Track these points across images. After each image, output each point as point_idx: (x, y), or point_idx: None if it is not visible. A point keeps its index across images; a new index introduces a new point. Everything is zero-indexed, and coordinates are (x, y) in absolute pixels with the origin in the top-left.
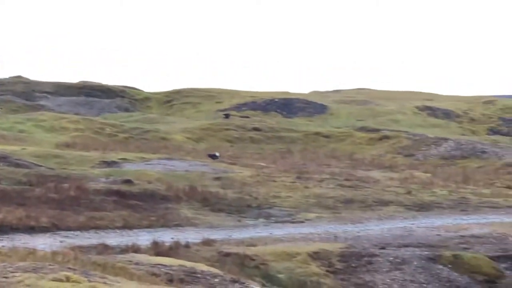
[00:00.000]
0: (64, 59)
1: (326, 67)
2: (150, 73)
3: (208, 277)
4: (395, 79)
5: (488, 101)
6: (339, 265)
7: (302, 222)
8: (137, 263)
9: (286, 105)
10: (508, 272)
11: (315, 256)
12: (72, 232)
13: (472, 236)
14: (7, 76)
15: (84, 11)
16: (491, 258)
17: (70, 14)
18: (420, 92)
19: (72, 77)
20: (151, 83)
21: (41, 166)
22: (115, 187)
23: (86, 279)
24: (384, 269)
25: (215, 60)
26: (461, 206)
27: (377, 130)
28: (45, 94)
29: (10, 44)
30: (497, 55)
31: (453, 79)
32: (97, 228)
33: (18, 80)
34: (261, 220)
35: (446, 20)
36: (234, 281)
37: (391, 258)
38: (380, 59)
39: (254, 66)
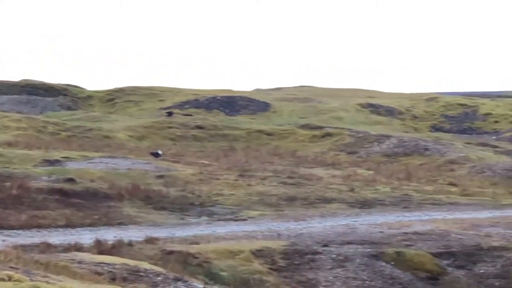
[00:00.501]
0: (5, 57)
1: (268, 65)
2: (92, 71)
3: (151, 276)
4: (337, 77)
5: (431, 98)
6: (282, 263)
7: (245, 220)
8: (80, 262)
9: (229, 103)
10: (450, 268)
11: (258, 254)
12: (14, 231)
13: (415, 233)
14: None
15: (24, 9)
16: (434, 255)
17: (9, 12)
18: (363, 90)
19: (14, 76)
20: (94, 81)
21: None
22: (57, 185)
23: (28, 278)
24: (327, 267)
25: (158, 58)
26: (404, 203)
27: (320, 128)
28: None
29: None
30: (439, 52)
31: (395, 77)
32: (39, 226)
33: None
34: (204, 218)
35: (390, 19)
36: (177, 279)
37: (334, 256)
38: (321, 56)
39: (197, 64)
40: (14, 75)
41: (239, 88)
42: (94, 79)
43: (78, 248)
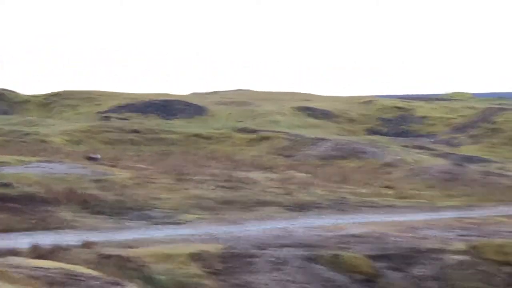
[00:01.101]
0: None
1: (205, 68)
2: (28, 75)
3: (88, 280)
4: (273, 80)
5: (367, 102)
6: (219, 266)
7: (182, 223)
8: (16, 267)
9: (166, 106)
10: (386, 271)
11: (195, 257)
12: None
13: (351, 235)
14: None
15: None
16: (370, 257)
17: None
18: (299, 93)
19: None
20: (30, 86)
21: None
22: None
23: None
24: (264, 270)
25: (94, 62)
26: (340, 206)
27: (257, 131)
28: None
29: None
30: (374, 56)
31: (331, 80)
32: None
33: None
34: (141, 222)
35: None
36: (114, 283)
37: (271, 259)
38: (257, 60)
39: (134, 68)
40: None
41: (176, 92)
42: (30, 84)
43: (15, 253)
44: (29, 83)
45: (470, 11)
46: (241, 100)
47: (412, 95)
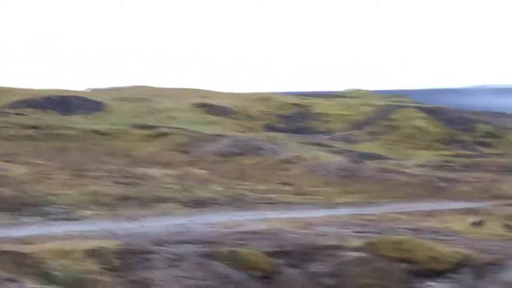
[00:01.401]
0: None
1: (103, 64)
2: None
3: None
4: (172, 77)
5: (265, 98)
6: (116, 262)
7: (79, 219)
8: None
9: (64, 102)
10: (284, 268)
11: (92, 253)
12: None
13: (249, 232)
14: None
15: None
16: (268, 254)
17: None
18: (198, 89)
19: None
20: None
21: None
22: None
23: None
24: (161, 266)
25: None
26: (238, 202)
27: (154, 127)
28: None
29: None
30: (271, 53)
31: (229, 76)
32: None
33: None
34: (38, 218)
35: (226, 20)
36: (10, 280)
37: (168, 255)
38: (156, 56)
39: (31, 63)
40: None
41: (75, 88)
42: None
43: None
44: None
45: (369, 11)
46: (139, 96)
47: (310, 92)
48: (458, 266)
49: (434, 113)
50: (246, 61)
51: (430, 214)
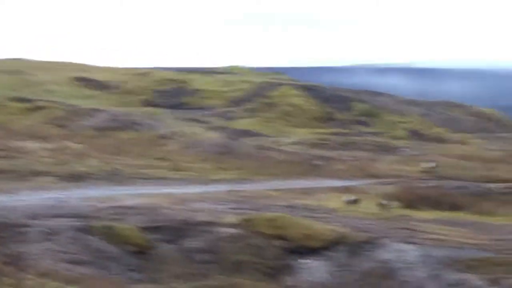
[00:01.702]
0: None
1: None
2: None
3: None
4: (50, 50)
5: (143, 73)
6: None
7: None
8: None
9: None
10: (158, 243)
11: None
12: None
13: (124, 207)
14: None
15: None
16: (142, 229)
17: None
18: (76, 63)
19: None
20: None
21: None
22: None
23: None
24: (36, 240)
25: None
26: (114, 177)
27: (31, 101)
28: None
29: None
30: (151, 28)
31: (108, 51)
32: None
33: None
34: None
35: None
36: None
37: (43, 229)
38: (34, 30)
39: None
40: None
41: None
42: None
43: None
44: None
45: None
46: (15, 69)
47: (190, 68)
48: (333, 244)
49: (311, 91)
50: (125, 35)
51: (305, 191)
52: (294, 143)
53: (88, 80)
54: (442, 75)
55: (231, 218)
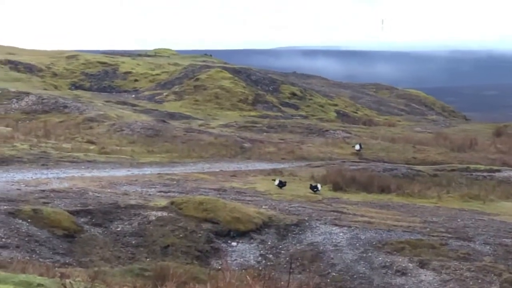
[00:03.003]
0: None
1: None
2: None
3: None
4: None
5: (71, 56)
6: None
7: None
8: None
9: None
10: (87, 226)
11: None
12: None
13: (52, 190)
14: None
15: None
16: (71, 212)
17: None
18: (2, 46)
19: None
20: None
21: None
22: None
23: None
24: None
25: None
26: (42, 160)
27: None
28: None
29: None
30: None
31: (35, 33)
32: None
33: None
34: None
35: None
36: None
37: None
38: None
39: None
40: None
41: None
42: None
43: None
44: None
45: None
46: None
47: (117, 50)
48: (262, 226)
49: (240, 73)
50: (52, 18)
51: (235, 174)
52: (223, 126)
53: (15, 63)
54: (370, 58)
55: (160, 201)
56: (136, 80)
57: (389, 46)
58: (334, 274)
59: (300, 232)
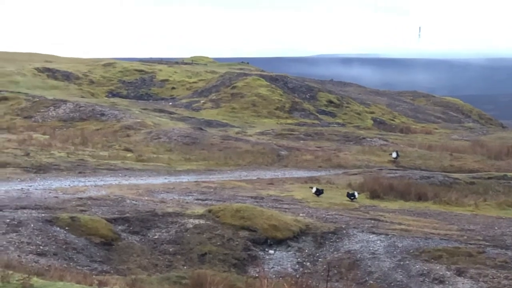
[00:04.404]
0: None
1: None
2: None
3: None
4: (14, 41)
5: (108, 64)
6: None
7: None
8: None
9: None
10: (124, 234)
11: None
12: None
13: (90, 198)
14: None
15: None
16: (108, 220)
17: None
18: (40, 54)
19: None
20: None
21: None
22: None
23: None
24: (0, 231)
25: None
26: (79, 168)
27: None
28: None
29: None
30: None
31: (73, 42)
32: None
33: None
34: None
35: None
36: None
37: (8, 220)
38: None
39: None
40: None
41: None
42: None
43: None
44: None
45: None
46: None
47: (155, 58)
48: (299, 234)
49: (276, 81)
50: (89, 26)
51: (271, 182)
52: (260, 134)
53: (53, 70)
54: (407, 65)
55: (197, 209)
56: (173, 88)
57: (426, 54)
58: (371, 282)
59: (338, 240)
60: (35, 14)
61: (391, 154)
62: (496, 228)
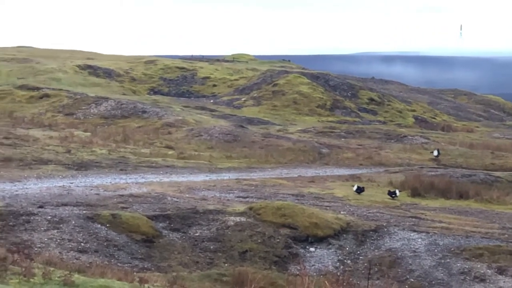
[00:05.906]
0: None
1: None
2: None
3: None
4: (55, 38)
5: (150, 61)
6: None
7: None
8: None
9: None
10: (165, 231)
11: None
12: None
13: (131, 195)
14: None
15: None
16: (149, 217)
17: None
18: (82, 51)
19: None
20: None
21: None
22: None
23: None
24: (42, 228)
25: None
26: (121, 165)
27: (38, 89)
28: None
29: None
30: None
31: (114, 39)
32: None
33: None
34: None
35: None
36: None
37: (49, 217)
38: (39, 17)
39: None
40: None
41: None
42: None
43: None
44: None
45: None
46: (22, 57)
47: (195, 55)
48: (340, 232)
49: (318, 79)
50: (131, 23)
51: (312, 180)
52: (301, 131)
53: (94, 68)
54: (448, 63)
55: (238, 207)
56: (214, 85)
57: (467, 51)
58: (412, 280)
59: (378, 238)
60: (78, 12)
61: (432, 152)
62: None
